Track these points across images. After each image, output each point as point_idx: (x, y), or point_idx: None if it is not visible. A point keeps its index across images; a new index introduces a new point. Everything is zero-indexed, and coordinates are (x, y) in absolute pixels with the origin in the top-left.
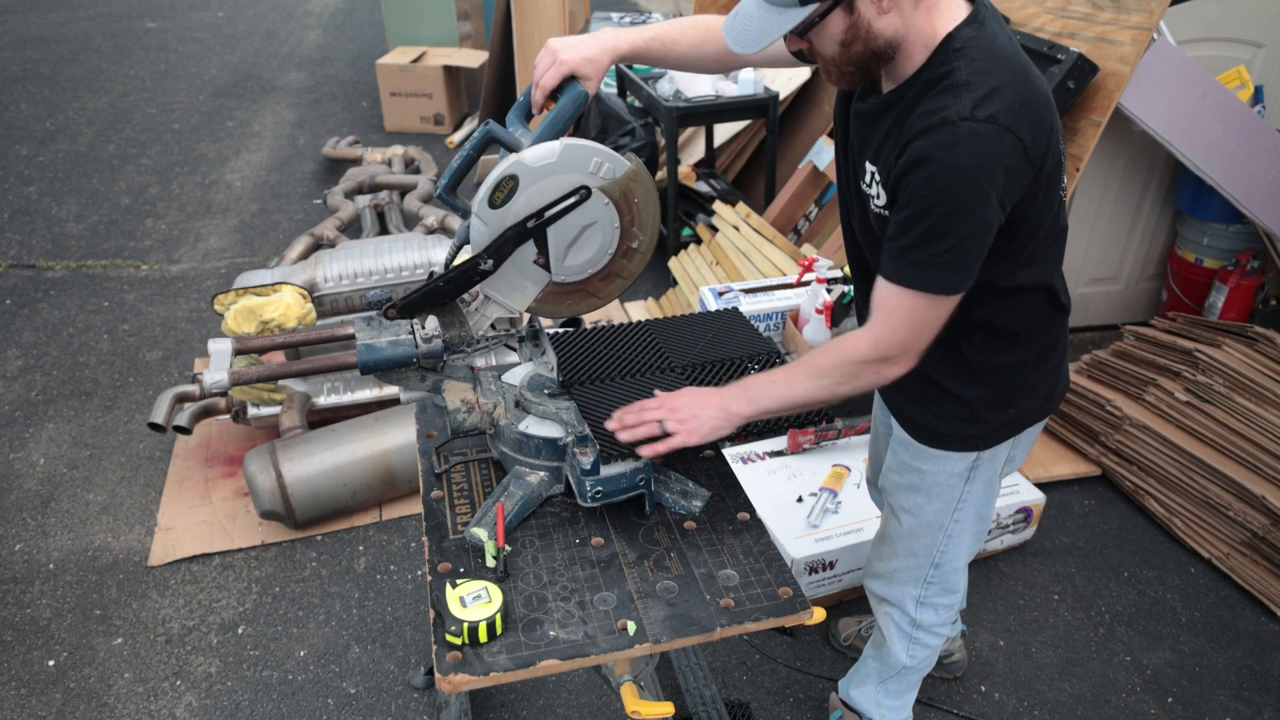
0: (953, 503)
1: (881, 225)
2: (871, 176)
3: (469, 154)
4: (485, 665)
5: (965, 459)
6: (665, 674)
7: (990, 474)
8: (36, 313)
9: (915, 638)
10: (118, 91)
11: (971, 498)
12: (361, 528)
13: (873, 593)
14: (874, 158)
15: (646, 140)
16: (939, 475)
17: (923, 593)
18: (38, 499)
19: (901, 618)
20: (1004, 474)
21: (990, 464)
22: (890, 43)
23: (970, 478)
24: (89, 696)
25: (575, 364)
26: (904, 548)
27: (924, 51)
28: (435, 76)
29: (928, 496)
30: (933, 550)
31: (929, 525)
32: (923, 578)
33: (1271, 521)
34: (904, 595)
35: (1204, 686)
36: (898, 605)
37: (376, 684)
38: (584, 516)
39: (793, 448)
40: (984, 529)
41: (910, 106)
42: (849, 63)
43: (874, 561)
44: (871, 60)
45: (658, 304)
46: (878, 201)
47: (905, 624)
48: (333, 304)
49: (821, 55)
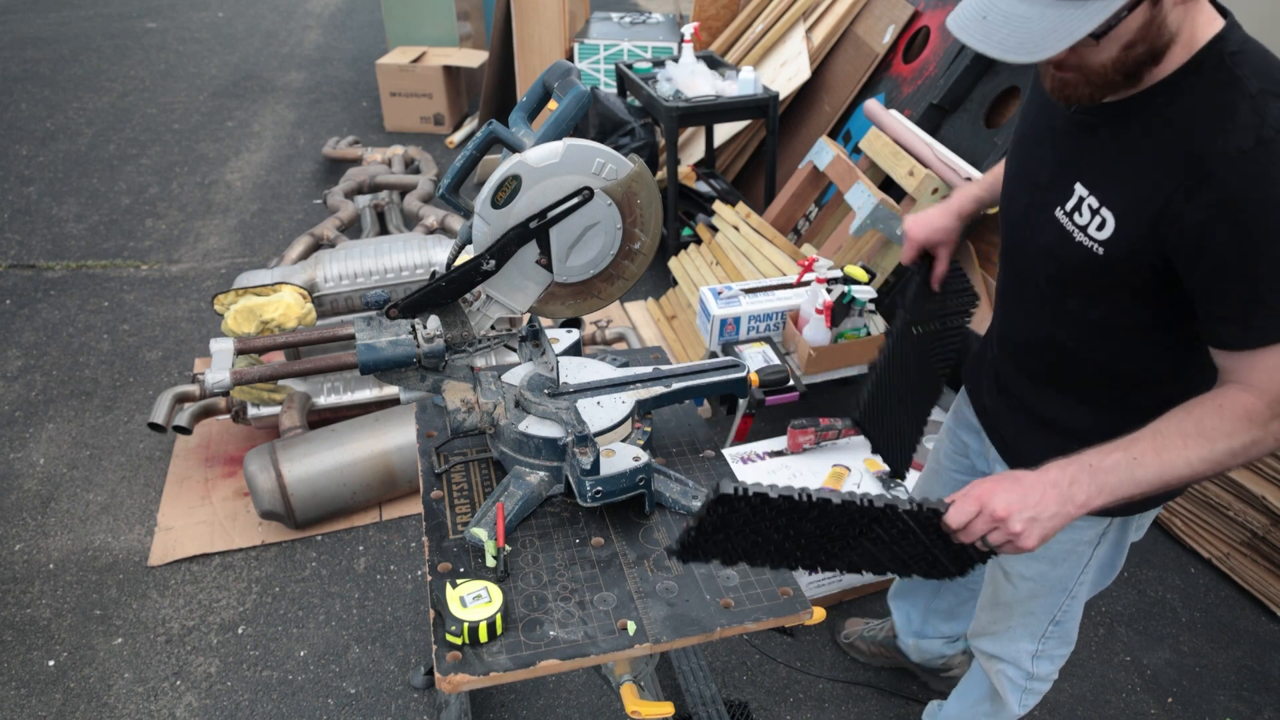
0: (1078, 568)
1: (1085, 264)
2: (1080, 203)
3: (472, 154)
4: (485, 665)
5: (1098, 525)
6: (665, 674)
7: (1122, 537)
8: (36, 313)
9: (1029, 688)
10: (118, 91)
11: (1099, 559)
12: (361, 528)
13: (981, 650)
14: (1090, 179)
15: (646, 140)
16: (1066, 543)
17: (1040, 648)
18: (38, 499)
19: (1017, 674)
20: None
21: (1123, 528)
22: (1171, 41)
23: (1100, 542)
24: (89, 696)
25: None
26: (1021, 609)
27: (1183, 54)
28: (435, 76)
29: (1052, 563)
30: (1053, 610)
31: (1051, 589)
32: (1040, 633)
33: (1271, 521)
34: (1019, 652)
35: (1204, 686)
36: (1013, 662)
37: (376, 684)
38: (584, 516)
39: (793, 448)
40: (1108, 579)
41: (1162, 120)
42: (1120, 70)
43: (986, 624)
44: (1146, 65)
45: (657, 304)
46: (1089, 235)
47: (1020, 678)
48: (333, 304)
49: (1085, 66)
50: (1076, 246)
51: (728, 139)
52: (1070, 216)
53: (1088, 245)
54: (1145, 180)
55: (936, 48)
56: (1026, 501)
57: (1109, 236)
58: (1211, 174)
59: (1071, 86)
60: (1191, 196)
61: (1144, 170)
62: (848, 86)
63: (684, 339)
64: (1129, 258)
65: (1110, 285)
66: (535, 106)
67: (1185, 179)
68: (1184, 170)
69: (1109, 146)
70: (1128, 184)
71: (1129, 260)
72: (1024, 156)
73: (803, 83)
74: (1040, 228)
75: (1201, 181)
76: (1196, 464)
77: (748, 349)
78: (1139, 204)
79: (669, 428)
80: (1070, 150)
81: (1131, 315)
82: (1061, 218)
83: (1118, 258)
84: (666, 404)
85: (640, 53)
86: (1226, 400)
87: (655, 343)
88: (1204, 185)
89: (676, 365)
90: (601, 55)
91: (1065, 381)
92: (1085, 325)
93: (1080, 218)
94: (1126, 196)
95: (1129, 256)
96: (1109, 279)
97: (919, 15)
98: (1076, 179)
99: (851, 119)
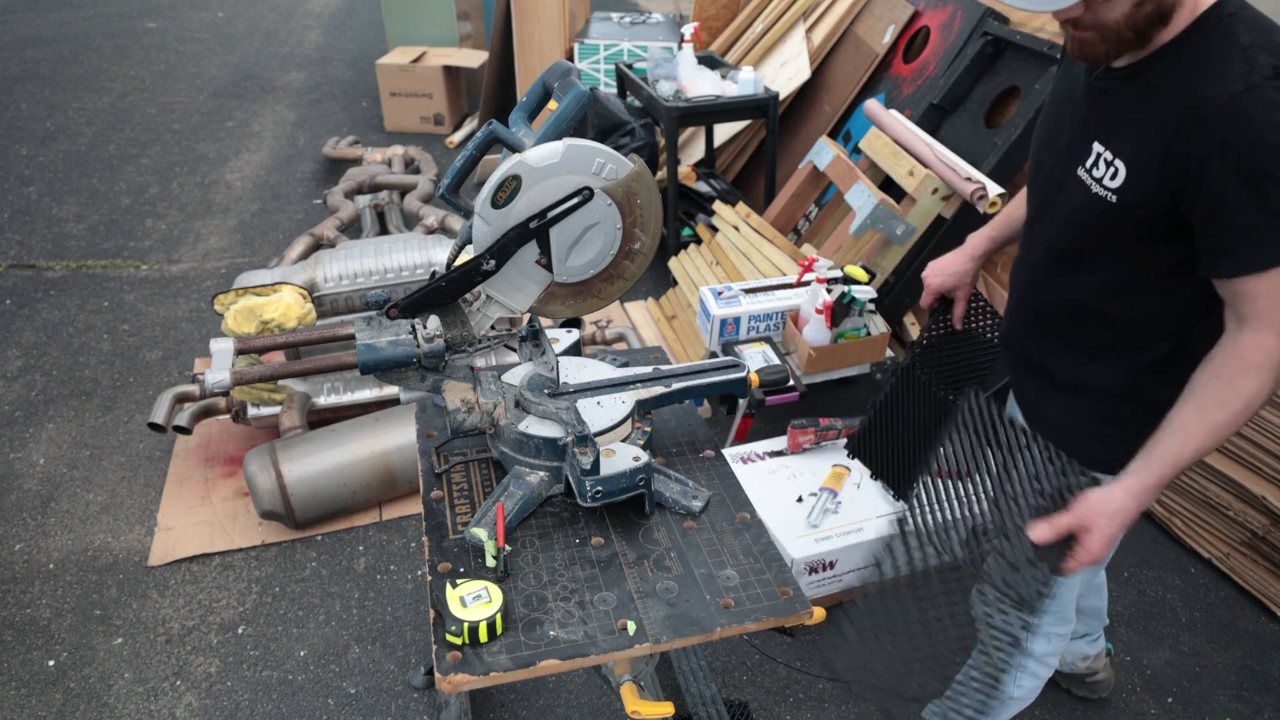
0: None
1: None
2: (1097, 158)
3: (472, 154)
4: (485, 665)
5: None
6: (665, 674)
7: None
8: (36, 313)
9: (1023, 666)
10: (118, 91)
11: None
12: (361, 528)
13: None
14: (1107, 137)
15: (646, 140)
16: None
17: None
18: (38, 499)
19: None
20: None
21: None
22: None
23: None
24: (89, 696)
25: None
26: None
27: (1187, 16)
28: (435, 76)
29: None
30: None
31: None
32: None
33: (1271, 521)
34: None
35: (1204, 686)
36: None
37: (376, 684)
38: (584, 516)
39: (793, 448)
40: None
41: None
42: (1131, 27)
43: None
44: (1155, 25)
45: (657, 304)
46: (1103, 185)
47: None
48: (333, 304)
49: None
50: (1093, 198)
51: (728, 139)
52: (1089, 172)
53: (1102, 195)
54: (1151, 129)
55: (936, 48)
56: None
57: (1121, 184)
58: (1207, 118)
59: (1089, 45)
60: (1190, 138)
61: (1151, 120)
62: (848, 86)
63: (684, 339)
64: (1140, 203)
65: (1125, 235)
66: (535, 106)
67: (1184, 123)
68: (1184, 115)
69: (1122, 105)
70: (1137, 134)
71: (1141, 205)
72: (1050, 124)
73: (803, 83)
74: (1065, 187)
75: (1199, 124)
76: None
77: (748, 349)
78: (1147, 150)
79: (669, 428)
80: (1088, 113)
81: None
82: (1083, 175)
83: (1130, 204)
84: (666, 404)
85: (640, 53)
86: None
87: (655, 343)
88: (1200, 127)
89: (676, 365)
90: (601, 55)
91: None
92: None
93: (1097, 171)
94: (1136, 145)
95: (1140, 202)
96: (1124, 228)
97: (919, 15)
98: (1094, 138)
99: (851, 119)
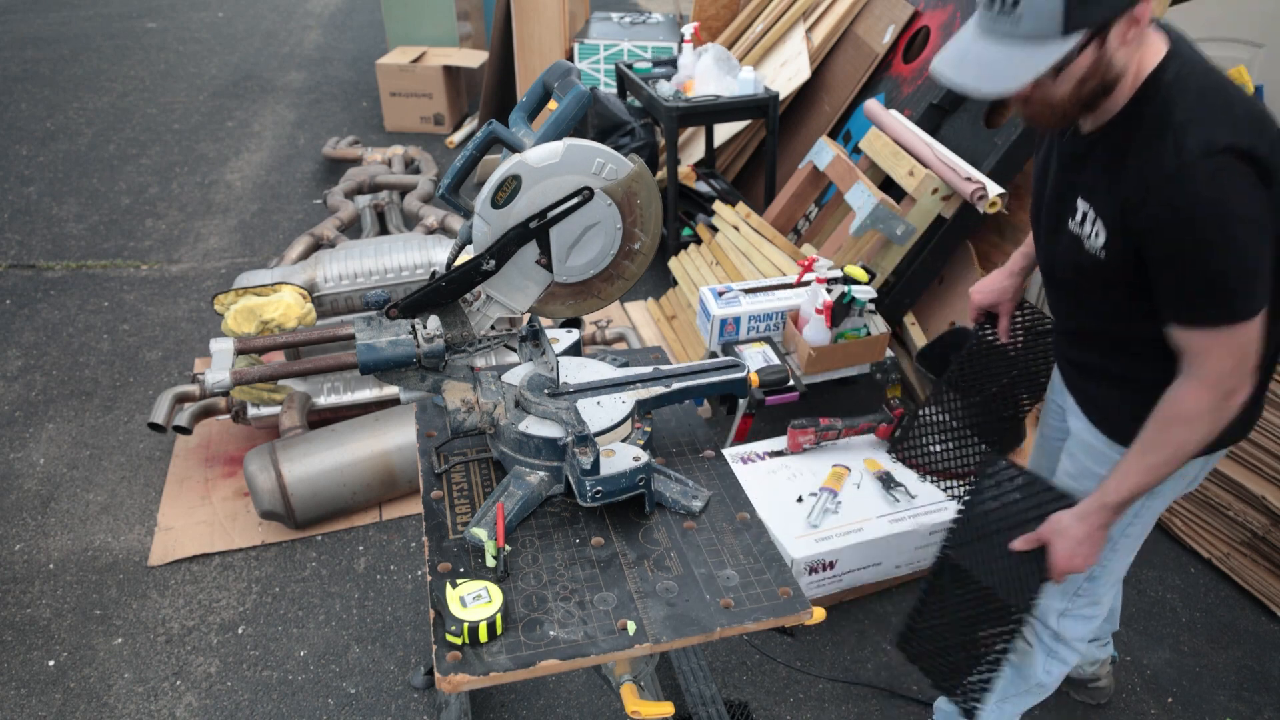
0: (1130, 515)
1: (1094, 266)
2: (1084, 215)
3: (472, 154)
4: (485, 665)
5: None
6: (665, 674)
7: (1173, 490)
8: (36, 313)
9: (1054, 651)
10: (118, 91)
11: (1148, 512)
12: (361, 528)
13: None
14: (1087, 195)
15: (646, 140)
16: None
17: (1068, 605)
18: (38, 499)
19: (1042, 630)
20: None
21: (1177, 480)
22: (1119, 76)
23: (1155, 491)
24: (89, 696)
25: None
26: None
27: (1132, 86)
28: (435, 76)
29: None
30: None
31: None
32: (1073, 590)
33: (1271, 521)
34: (1046, 608)
35: (1204, 686)
36: (1039, 618)
37: (376, 684)
38: (584, 516)
39: (793, 448)
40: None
41: (1122, 146)
42: (1077, 103)
43: None
44: (1099, 97)
45: (657, 304)
46: (1092, 241)
47: (1046, 637)
48: (333, 304)
49: (1048, 99)
50: (1086, 253)
51: (728, 139)
52: (1080, 226)
53: (1094, 252)
54: (1115, 196)
55: (936, 47)
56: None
57: (1104, 243)
58: (1150, 191)
59: (1039, 118)
60: (1139, 209)
61: (1114, 188)
62: (848, 86)
63: (684, 339)
64: (1123, 262)
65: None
66: (535, 106)
67: (1136, 194)
68: (1135, 187)
69: (1094, 170)
70: (1108, 198)
71: (1125, 265)
72: (1041, 180)
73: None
74: (1059, 234)
75: (1145, 196)
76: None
77: (748, 349)
78: (1116, 215)
79: (669, 428)
80: (1071, 174)
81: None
82: (1074, 228)
83: (1115, 261)
84: (666, 404)
85: (640, 53)
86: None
87: (655, 343)
88: (1147, 200)
89: (676, 365)
90: (601, 55)
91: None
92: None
93: (1085, 228)
94: (1110, 208)
95: (1123, 261)
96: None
97: (919, 15)
98: (1078, 195)
99: (851, 119)
